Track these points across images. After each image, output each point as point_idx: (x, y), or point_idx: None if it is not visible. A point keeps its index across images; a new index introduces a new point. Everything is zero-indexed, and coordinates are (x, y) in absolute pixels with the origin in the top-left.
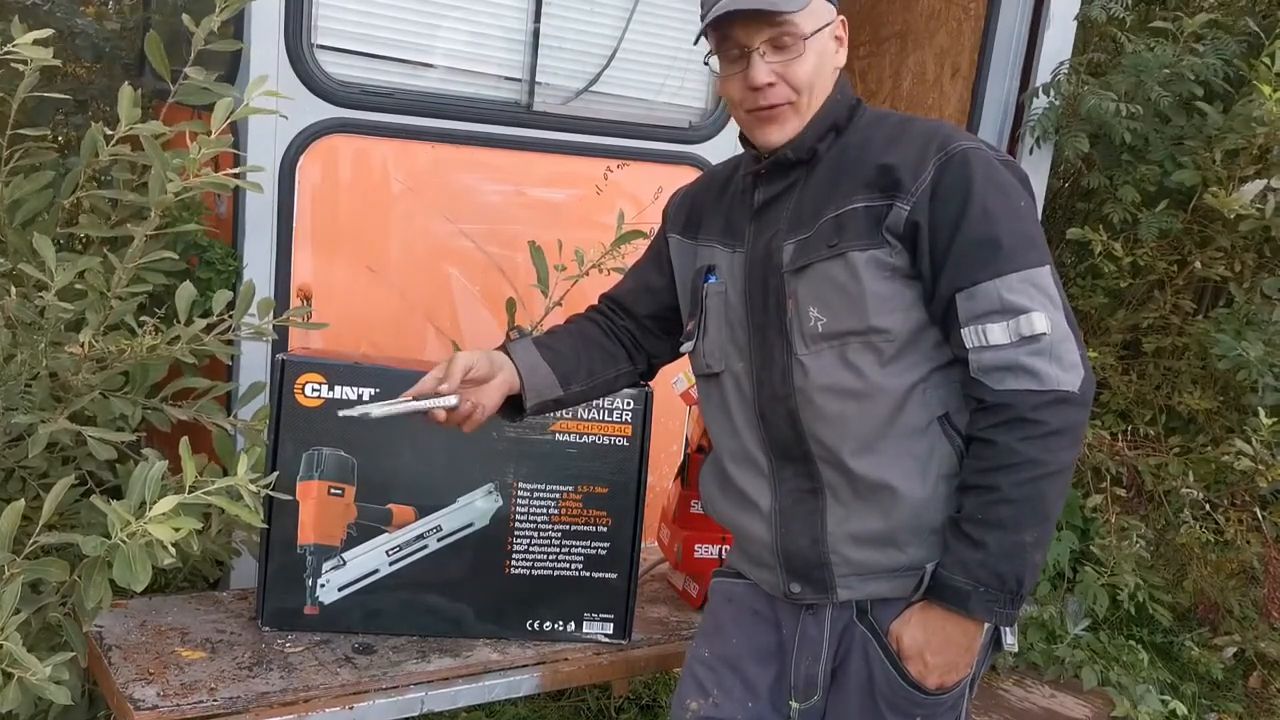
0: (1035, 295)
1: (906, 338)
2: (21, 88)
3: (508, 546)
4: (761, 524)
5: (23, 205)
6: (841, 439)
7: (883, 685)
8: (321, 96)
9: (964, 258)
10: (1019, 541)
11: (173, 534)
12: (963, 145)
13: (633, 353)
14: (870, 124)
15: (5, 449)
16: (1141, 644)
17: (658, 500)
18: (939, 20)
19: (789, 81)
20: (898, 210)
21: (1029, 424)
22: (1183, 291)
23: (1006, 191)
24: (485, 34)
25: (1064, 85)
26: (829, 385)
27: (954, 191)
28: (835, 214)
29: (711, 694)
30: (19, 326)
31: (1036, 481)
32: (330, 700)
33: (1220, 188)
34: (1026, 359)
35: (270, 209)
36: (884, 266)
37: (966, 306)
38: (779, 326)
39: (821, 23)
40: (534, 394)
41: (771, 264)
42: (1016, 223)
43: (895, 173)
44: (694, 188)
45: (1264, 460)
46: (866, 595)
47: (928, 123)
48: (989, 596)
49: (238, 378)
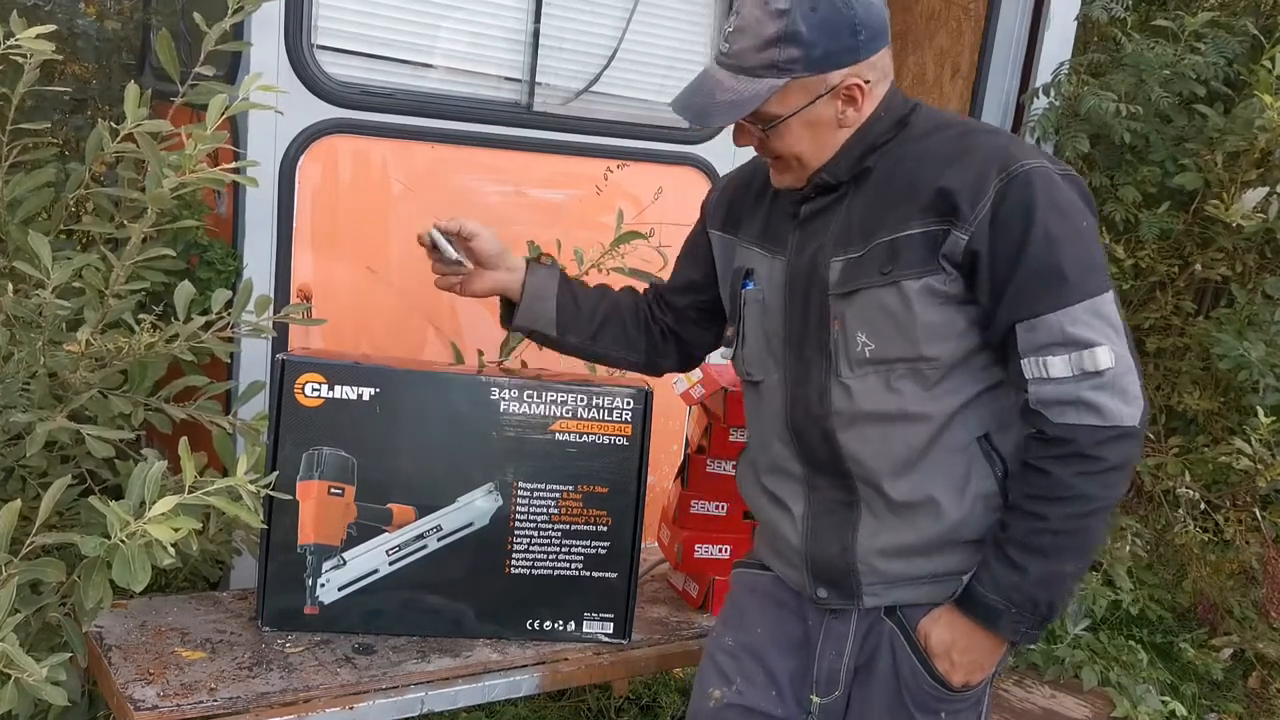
0: (1099, 326)
1: (954, 364)
2: (22, 82)
3: (508, 546)
4: (792, 528)
5: (23, 203)
6: (879, 461)
7: (909, 681)
8: (321, 97)
9: (1026, 288)
10: (1059, 571)
11: (172, 534)
12: (1025, 166)
13: (660, 346)
14: (928, 133)
15: (4, 448)
16: (1141, 644)
17: (658, 500)
18: (939, 21)
19: (768, 149)
20: (955, 238)
21: (1087, 459)
22: (1183, 293)
23: (1069, 213)
24: (485, 34)
25: (1064, 85)
26: (872, 410)
27: (1015, 217)
28: (890, 238)
29: (735, 682)
30: (17, 325)
31: (1086, 516)
32: (330, 700)
33: (1223, 190)
34: (1089, 394)
35: (270, 209)
36: (937, 294)
37: (1027, 338)
38: (819, 344)
39: (805, 100)
40: (525, 317)
41: (816, 279)
42: (1080, 248)
43: (953, 198)
44: (733, 184)
45: (1263, 460)
46: (893, 602)
47: (987, 136)
48: (1018, 618)
49: (237, 377)
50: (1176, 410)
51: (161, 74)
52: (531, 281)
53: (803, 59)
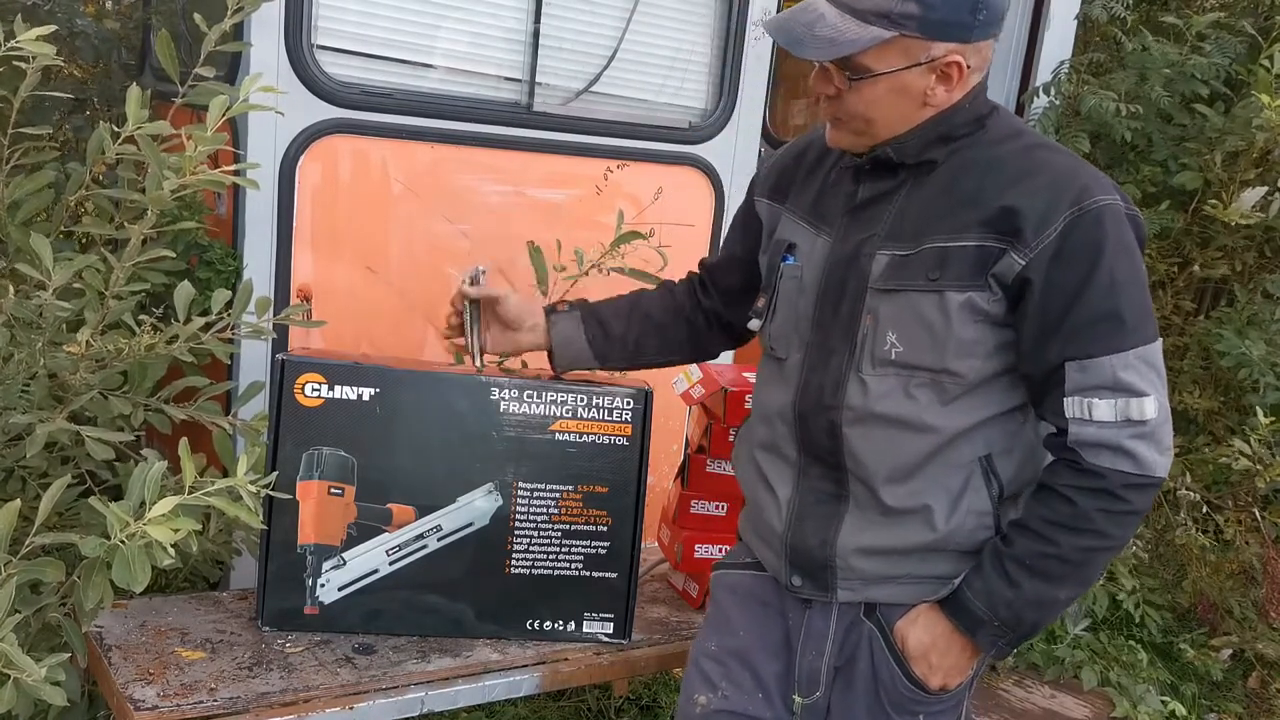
0: (1148, 375)
1: (976, 383)
2: (24, 86)
3: (508, 546)
4: (776, 512)
5: (23, 205)
6: (879, 464)
7: (887, 683)
8: (321, 97)
9: (1083, 327)
10: (1054, 596)
11: (172, 535)
12: (1099, 202)
13: (704, 335)
14: (1002, 140)
15: (4, 448)
16: (1141, 644)
17: (658, 500)
18: None
19: (841, 105)
20: (1010, 260)
21: (1115, 499)
22: (1183, 292)
23: (1133, 256)
24: (485, 34)
25: (1064, 85)
26: (885, 412)
27: (1082, 255)
28: (943, 245)
29: (720, 687)
30: (17, 326)
31: (1095, 551)
32: (330, 700)
33: (1222, 189)
34: (1129, 442)
35: (270, 209)
36: (978, 311)
37: (1077, 378)
38: (847, 335)
39: (903, 62)
40: (563, 362)
41: (857, 268)
42: (1139, 293)
43: (1018, 220)
44: (784, 157)
45: (1263, 460)
46: (867, 599)
47: (1062, 158)
48: (999, 632)
49: (237, 377)
50: (1177, 410)
51: (161, 74)
52: (556, 333)
53: (918, 18)
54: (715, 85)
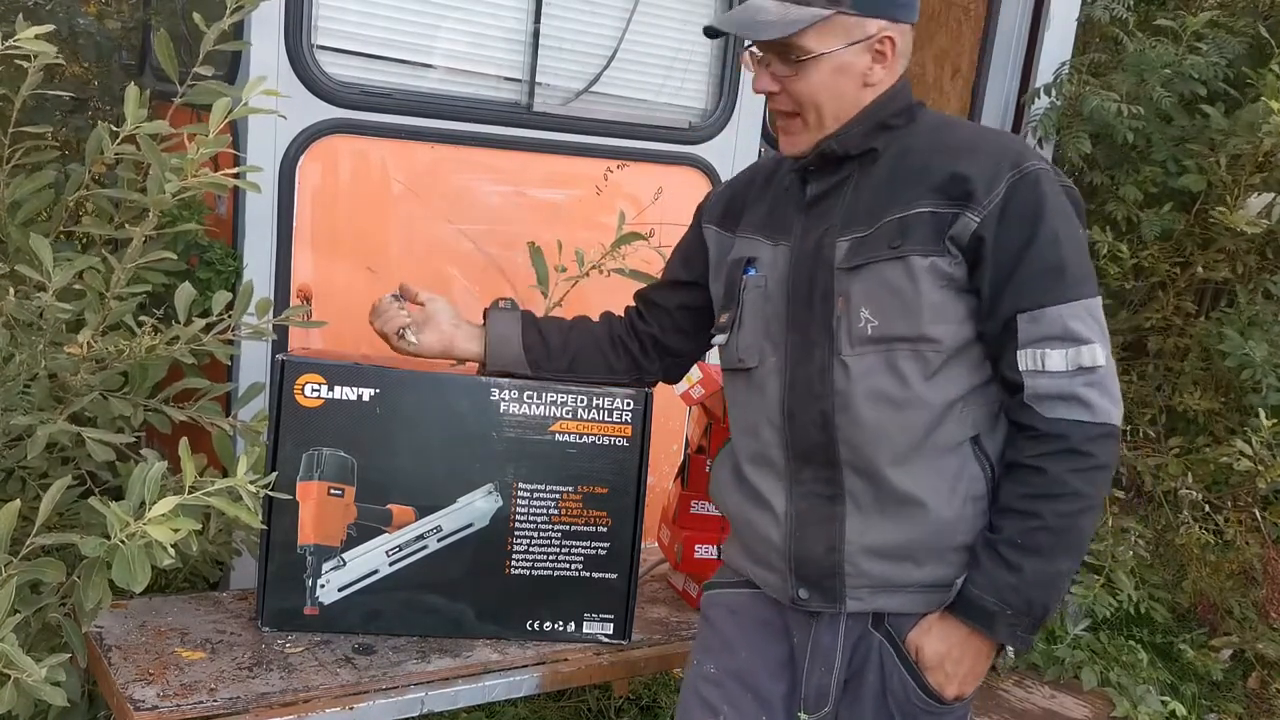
0: (1094, 326)
1: (953, 351)
2: (25, 86)
3: (508, 547)
4: (774, 526)
5: (23, 205)
6: (877, 447)
7: (898, 694)
8: (321, 97)
9: (1030, 280)
10: (1054, 570)
11: (172, 535)
12: (1036, 166)
13: (641, 362)
14: (937, 127)
15: (5, 449)
16: (1141, 644)
17: (658, 500)
18: (939, 21)
19: (790, 95)
20: (965, 220)
21: (1080, 456)
22: (1184, 293)
23: (1070, 220)
24: (485, 34)
25: (1065, 86)
26: (871, 390)
27: (1026, 212)
28: (900, 215)
29: (721, 711)
30: (18, 327)
31: (1077, 515)
32: (330, 701)
33: (1225, 192)
34: (1082, 389)
35: (270, 209)
36: (942, 275)
37: (1029, 329)
38: (824, 324)
39: (842, 42)
40: (496, 361)
41: (822, 259)
42: (1079, 252)
43: (968, 183)
44: (735, 181)
45: (1264, 461)
46: (876, 608)
47: (1000, 135)
48: (1014, 620)
49: (237, 378)
50: (1177, 410)
51: (161, 74)
52: (493, 328)
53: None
54: (715, 85)
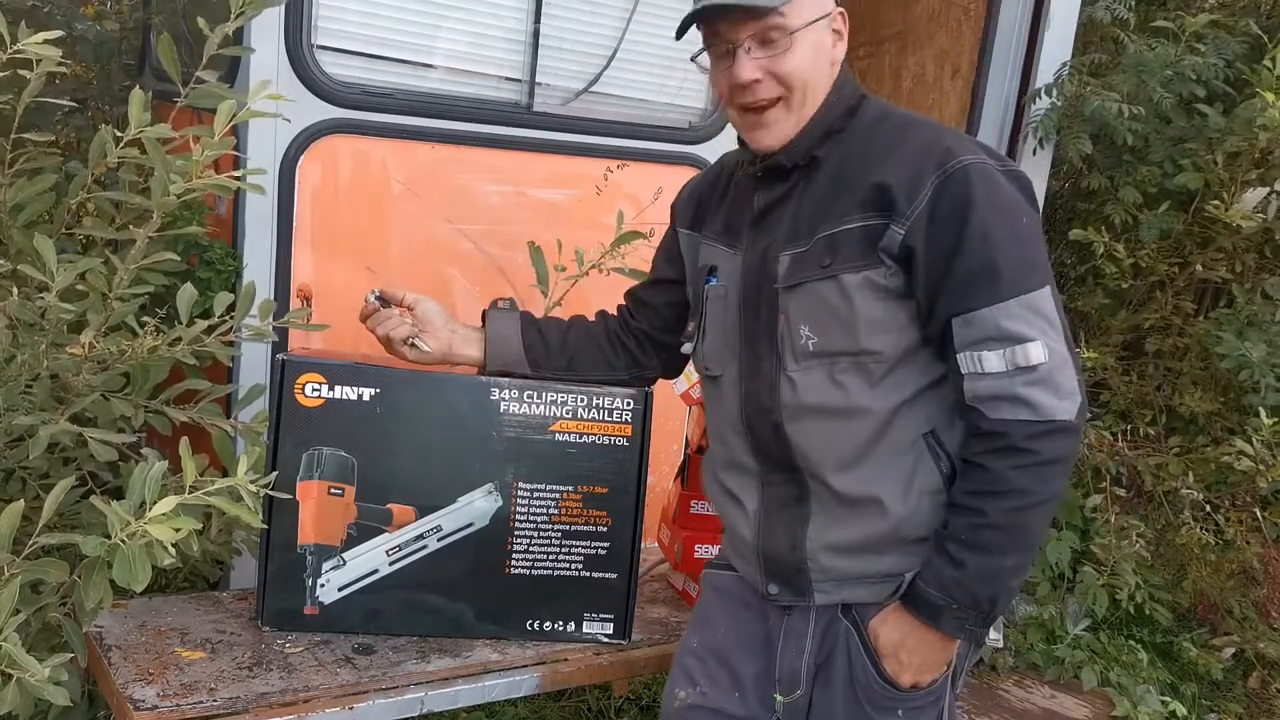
0: (1034, 321)
1: (898, 358)
2: (28, 90)
3: (508, 546)
4: (746, 523)
5: (25, 207)
6: (825, 456)
7: (862, 680)
8: (322, 97)
9: (961, 284)
10: (999, 566)
11: (172, 534)
12: (962, 162)
13: (640, 358)
14: (872, 126)
15: (6, 450)
16: (1141, 644)
17: (658, 500)
18: (939, 21)
19: (777, 77)
20: (892, 233)
21: (1021, 453)
22: (1183, 293)
23: (1007, 211)
24: (485, 34)
25: (1066, 86)
26: (816, 404)
27: (952, 215)
28: (830, 232)
29: (699, 683)
30: (20, 327)
31: (1023, 511)
32: (330, 701)
33: (1223, 189)
34: (1022, 389)
35: (270, 209)
36: (877, 288)
37: (962, 333)
38: (769, 339)
39: (814, 15)
40: (496, 361)
41: (766, 274)
42: (1015, 246)
43: (890, 193)
44: (701, 182)
45: (1264, 460)
46: (843, 600)
47: (927, 131)
48: (960, 614)
49: (238, 379)
50: (1177, 410)
51: (161, 74)
52: (493, 328)
53: None
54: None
